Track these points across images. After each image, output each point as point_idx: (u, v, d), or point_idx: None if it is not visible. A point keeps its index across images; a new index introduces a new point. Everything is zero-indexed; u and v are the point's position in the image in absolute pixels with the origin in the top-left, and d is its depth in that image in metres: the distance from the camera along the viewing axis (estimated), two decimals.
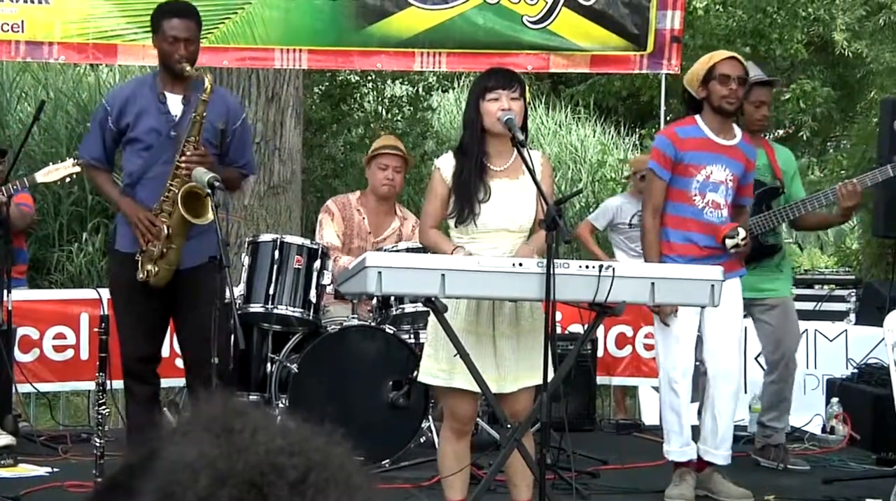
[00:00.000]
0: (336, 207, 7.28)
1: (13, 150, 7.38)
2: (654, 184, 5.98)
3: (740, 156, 5.92)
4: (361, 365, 6.49)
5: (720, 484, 5.92)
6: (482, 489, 4.82)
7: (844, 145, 17.96)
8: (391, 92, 14.30)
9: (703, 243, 5.83)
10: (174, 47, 5.39)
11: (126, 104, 5.48)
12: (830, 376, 8.14)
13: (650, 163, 6.06)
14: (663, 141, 5.99)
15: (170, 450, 1.01)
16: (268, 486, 0.97)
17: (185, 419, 1.06)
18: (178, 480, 0.97)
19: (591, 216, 9.36)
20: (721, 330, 5.89)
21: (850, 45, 15.65)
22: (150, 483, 0.99)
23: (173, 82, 5.49)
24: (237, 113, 5.67)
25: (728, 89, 5.82)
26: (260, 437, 1.01)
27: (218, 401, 1.06)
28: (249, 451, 0.99)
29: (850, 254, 18.01)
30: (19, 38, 7.43)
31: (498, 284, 4.54)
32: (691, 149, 5.87)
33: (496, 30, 7.86)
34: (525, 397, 4.89)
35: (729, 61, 5.91)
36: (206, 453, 0.99)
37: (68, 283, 10.82)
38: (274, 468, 0.98)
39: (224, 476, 0.97)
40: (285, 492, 0.97)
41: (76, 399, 8.79)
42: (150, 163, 5.42)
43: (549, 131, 16.72)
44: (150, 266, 5.36)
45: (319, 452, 1.02)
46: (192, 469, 0.98)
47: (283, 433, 1.02)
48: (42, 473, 6.25)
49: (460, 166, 4.92)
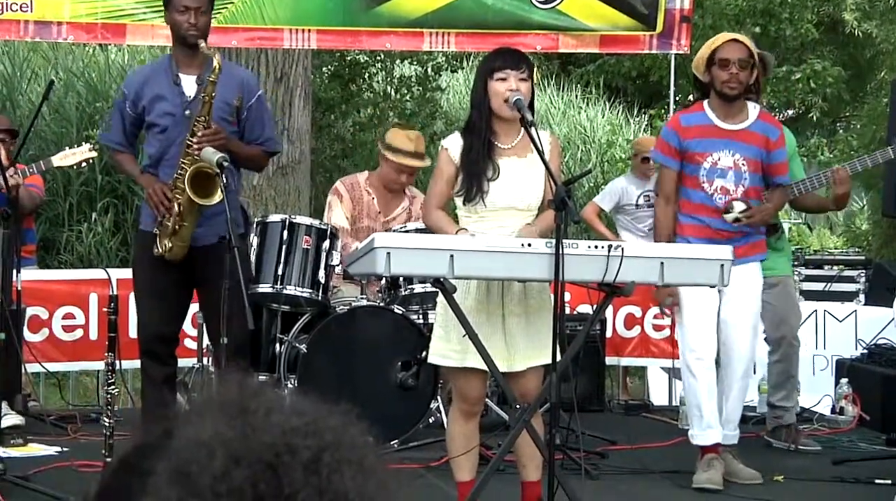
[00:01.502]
0: (345, 188, 7.25)
1: (23, 130, 7.38)
2: (662, 173, 6.01)
3: (754, 138, 5.87)
4: (370, 345, 6.50)
5: (731, 465, 5.92)
6: (491, 469, 4.82)
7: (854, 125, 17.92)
8: (400, 72, 14.27)
9: (716, 226, 5.83)
10: (184, 16, 5.40)
11: (142, 88, 5.51)
12: (840, 357, 8.13)
13: (654, 153, 6.08)
14: (667, 131, 6.01)
15: (184, 430, 1.01)
16: (282, 466, 0.98)
17: (198, 399, 1.05)
18: (193, 460, 0.98)
19: (597, 198, 9.33)
20: (737, 313, 5.89)
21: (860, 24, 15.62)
22: (164, 463, 0.99)
23: (188, 62, 5.49)
24: (252, 89, 5.66)
25: (728, 73, 5.76)
26: (274, 417, 1.01)
27: (232, 382, 1.06)
28: (264, 431, 0.99)
29: (859, 235, 18.00)
30: (28, 18, 7.43)
31: (507, 264, 4.54)
32: (695, 137, 5.86)
33: (505, 10, 7.84)
34: (534, 377, 4.89)
35: (729, 45, 5.85)
36: (220, 433, 0.99)
37: (77, 263, 10.83)
38: (288, 448, 0.98)
39: (239, 456, 0.97)
40: (299, 473, 0.98)
41: (85, 378, 8.82)
42: (167, 145, 5.44)
43: (558, 111, 16.68)
44: (166, 240, 5.38)
45: (333, 432, 1.02)
46: (207, 448, 0.98)
47: (298, 413, 1.02)
48: (52, 452, 6.27)
49: (468, 145, 4.91)
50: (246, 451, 0.98)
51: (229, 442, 0.98)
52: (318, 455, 0.99)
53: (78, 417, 7.03)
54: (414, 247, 4.60)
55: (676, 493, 5.81)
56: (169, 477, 0.98)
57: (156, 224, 5.43)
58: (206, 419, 1.01)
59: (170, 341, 5.59)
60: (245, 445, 0.98)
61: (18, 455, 6.11)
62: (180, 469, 0.98)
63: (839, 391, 7.63)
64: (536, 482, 4.98)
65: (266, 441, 0.98)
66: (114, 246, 11.11)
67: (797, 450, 6.69)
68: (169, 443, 1.01)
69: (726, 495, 5.71)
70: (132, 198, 11.32)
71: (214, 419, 1.00)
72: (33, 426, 6.69)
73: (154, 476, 0.99)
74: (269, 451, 0.98)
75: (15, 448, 6.25)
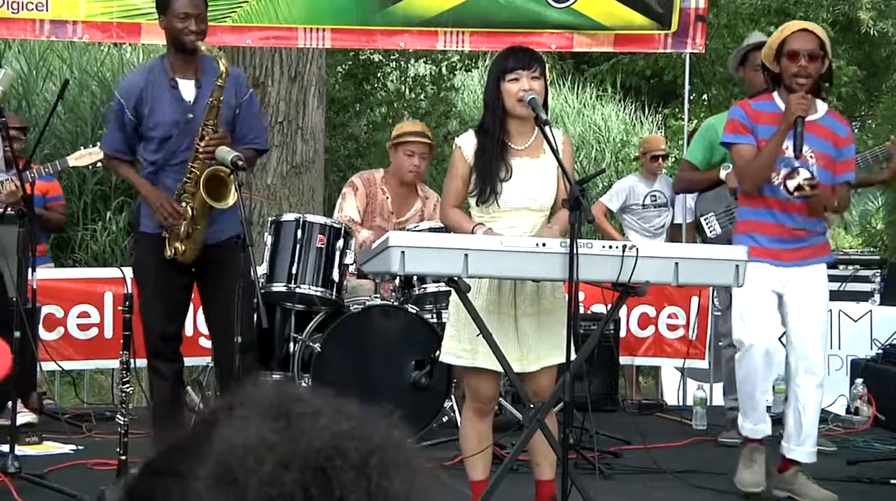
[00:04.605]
0: (361, 183, 7.25)
1: (38, 128, 7.41)
2: (736, 151, 5.62)
3: (824, 132, 5.57)
4: (384, 344, 6.50)
5: (804, 486, 5.60)
6: (505, 468, 4.82)
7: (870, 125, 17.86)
8: (414, 71, 14.27)
9: (784, 221, 5.54)
10: (185, 23, 5.37)
11: (140, 94, 5.44)
12: (855, 357, 8.11)
13: (725, 137, 5.68)
14: (738, 110, 5.68)
15: (224, 435, 1.01)
16: (332, 470, 0.98)
17: (231, 403, 1.05)
18: (240, 465, 0.97)
19: (604, 197, 9.33)
20: (804, 319, 5.58)
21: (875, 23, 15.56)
22: (205, 468, 0.99)
23: (185, 66, 5.45)
24: (243, 86, 5.66)
25: (798, 66, 5.45)
26: (322, 421, 1.01)
27: (270, 385, 1.06)
28: (313, 435, 0.99)
29: (875, 235, 17.94)
30: (44, 17, 7.45)
31: (521, 264, 4.53)
32: (766, 123, 5.54)
33: (520, 9, 7.83)
34: (547, 376, 4.89)
35: (799, 34, 5.52)
36: (266, 437, 0.99)
37: (92, 262, 10.87)
38: (338, 451, 0.99)
39: (288, 461, 0.97)
40: (350, 475, 0.98)
41: (100, 377, 8.84)
42: (172, 151, 5.42)
43: (572, 110, 16.68)
44: (177, 243, 5.39)
45: (380, 435, 1.03)
46: (254, 452, 0.98)
47: (344, 417, 1.03)
48: (66, 451, 6.29)
49: (482, 145, 4.91)
50: (295, 455, 0.98)
51: (277, 447, 0.98)
52: (366, 457, 0.99)
53: (93, 415, 7.06)
54: (428, 246, 4.60)
55: (690, 493, 5.80)
56: (214, 483, 0.97)
57: (163, 228, 5.43)
58: (248, 422, 1.01)
59: (175, 338, 5.60)
60: (294, 449, 0.98)
61: (34, 454, 6.13)
62: (225, 475, 0.97)
63: (854, 391, 7.62)
64: (550, 481, 4.98)
65: (315, 445, 0.99)
66: (128, 244, 11.13)
67: None
68: (206, 447, 1.00)
69: (739, 495, 5.68)
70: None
71: (257, 422, 1.00)
72: (48, 424, 6.71)
73: (194, 481, 0.98)
74: (319, 455, 0.98)
75: (30, 446, 6.27)
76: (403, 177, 7.20)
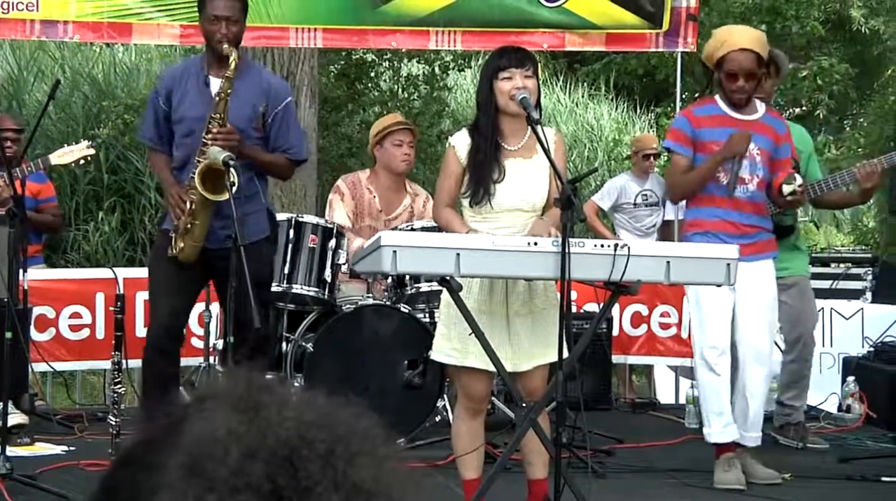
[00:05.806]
0: (346, 187, 7.22)
1: (29, 129, 7.39)
2: (674, 162, 5.93)
3: (766, 129, 5.82)
4: (376, 344, 6.50)
5: (749, 466, 5.84)
6: (498, 468, 4.82)
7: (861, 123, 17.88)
8: (407, 71, 14.26)
9: (735, 219, 5.75)
10: (216, 26, 5.40)
11: (173, 85, 5.55)
12: (847, 354, 8.12)
13: (667, 142, 6.00)
14: (680, 119, 5.98)
15: (194, 426, 1.01)
16: (299, 459, 0.98)
17: (202, 395, 1.06)
18: (208, 455, 0.98)
19: (596, 196, 9.35)
20: (753, 312, 5.80)
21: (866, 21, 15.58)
22: (175, 459, 0.99)
23: (218, 65, 5.49)
24: (280, 95, 5.63)
25: (735, 86, 5.72)
26: (288, 412, 1.01)
27: (238, 378, 1.06)
28: (279, 425, 1.00)
29: (866, 232, 17.97)
30: (34, 17, 7.44)
31: (513, 263, 4.53)
32: (709, 126, 5.79)
33: (511, 8, 7.84)
34: (540, 375, 4.89)
35: (737, 55, 5.71)
36: (234, 428, 0.99)
37: (84, 263, 10.84)
38: (304, 441, 0.99)
39: (255, 451, 0.98)
40: (317, 465, 0.98)
41: (92, 378, 8.83)
42: (194, 148, 5.42)
43: (565, 109, 16.68)
44: (179, 241, 5.41)
45: (346, 424, 1.03)
46: (222, 444, 0.98)
47: (310, 407, 1.03)
48: (58, 452, 6.28)
49: (475, 146, 4.91)
50: (261, 446, 0.98)
51: (244, 437, 0.99)
52: (332, 447, 0.99)
53: (84, 416, 7.05)
54: (420, 245, 4.60)
55: (683, 491, 5.80)
56: (183, 473, 0.98)
57: (173, 226, 5.46)
58: (217, 414, 1.01)
59: (178, 338, 5.60)
60: (260, 440, 0.98)
61: (25, 455, 6.11)
62: (193, 465, 0.98)
63: (846, 389, 7.63)
64: (543, 480, 4.98)
65: (282, 435, 0.99)
66: (120, 245, 11.12)
67: (805, 448, 6.68)
68: (176, 439, 1.01)
69: (733, 494, 5.69)
70: (139, 197, 11.34)
71: (225, 414, 1.01)
72: (40, 425, 6.69)
73: (165, 472, 0.99)
74: (284, 445, 0.98)
75: (21, 447, 6.26)
76: (396, 169, 7.15)
